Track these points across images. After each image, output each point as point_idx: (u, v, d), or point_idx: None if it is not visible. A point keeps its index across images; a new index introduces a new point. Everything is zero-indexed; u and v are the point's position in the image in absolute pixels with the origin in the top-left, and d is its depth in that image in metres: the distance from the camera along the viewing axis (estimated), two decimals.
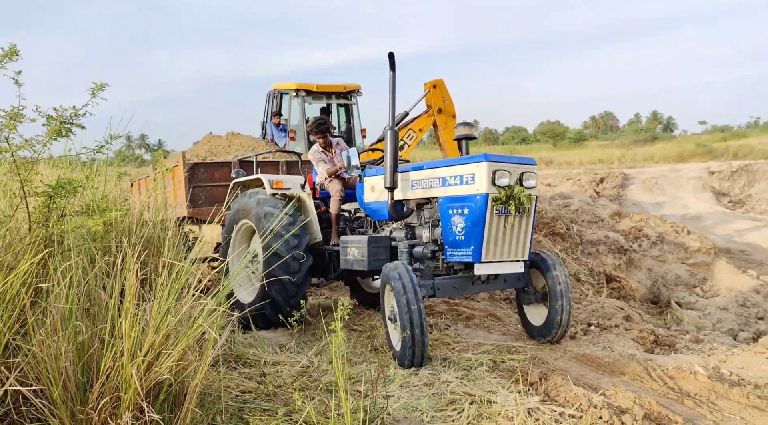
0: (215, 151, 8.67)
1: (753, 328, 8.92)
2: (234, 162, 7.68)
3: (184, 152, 7.72)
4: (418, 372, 4.04)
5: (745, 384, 3.82)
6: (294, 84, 11.79)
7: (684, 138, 36.29)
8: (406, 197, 5.08)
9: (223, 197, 7.45)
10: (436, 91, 10.04)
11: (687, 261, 11.88)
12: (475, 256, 4.34)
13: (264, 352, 4.47)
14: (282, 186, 5.86)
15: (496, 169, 4.30)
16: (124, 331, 2.31)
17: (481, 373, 4.02)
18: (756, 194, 18.97)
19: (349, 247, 5.19)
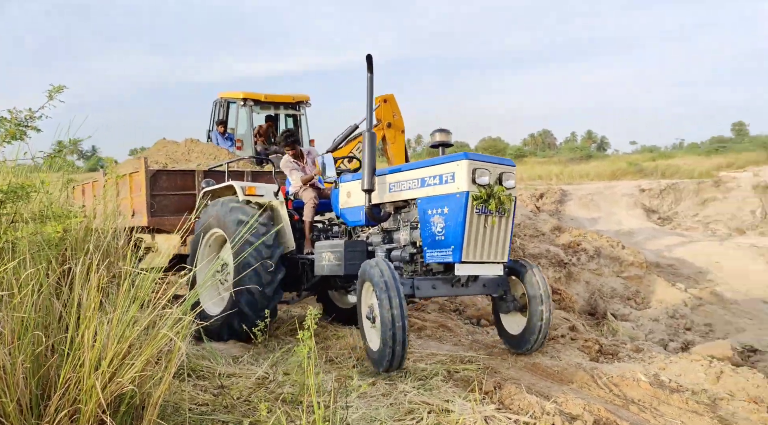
0: (174, 157, 8.37)
1: (681, 339, 9.43)
2: (198, 171, 7.49)
3: (145, 158, 7.38)
4: (376, 383, 4.06)
5: (684, 390, 4.06)
6: (241, 93, 11.67)
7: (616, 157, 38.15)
8: (383, 200, 5.02)
9: (186, 206, 7.29)
10: (386, 106, 10.16)
11: (621, 275, 12.44)
12: (456, 256, 4.25)
13: (218, 364, 4.38)
14: (254, 192, 5.72)
15: (476, 167, 4.27)
16: (86, 341, 2.23)
17: (437, 383, 4.08)
18: (682, 211, 20.15)
19: (324, 253, 5.08)
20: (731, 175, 22.09)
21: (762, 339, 9.10)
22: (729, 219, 18.55)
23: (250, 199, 5.71)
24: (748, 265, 13.30)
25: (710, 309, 10.94)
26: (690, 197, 20.59)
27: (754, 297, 11.67)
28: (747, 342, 8.49)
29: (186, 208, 7.24)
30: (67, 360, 2.24)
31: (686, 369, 4.40)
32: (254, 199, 5.72)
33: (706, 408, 3.76)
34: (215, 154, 8.65)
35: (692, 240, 15.99)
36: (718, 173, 23.38)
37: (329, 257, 5.03)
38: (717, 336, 9.16)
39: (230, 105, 12.04)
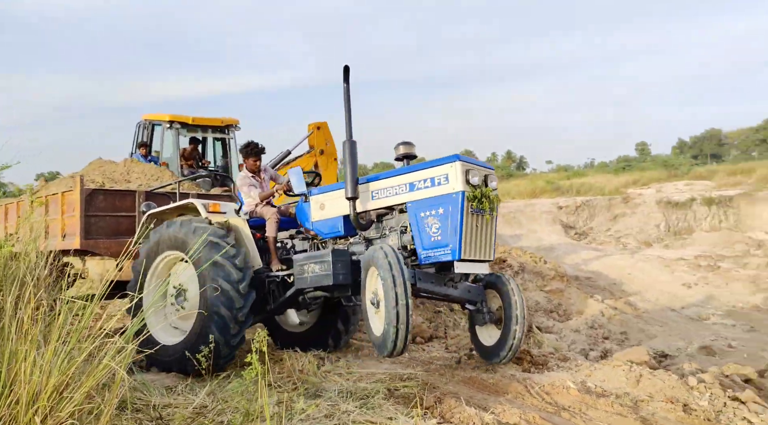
0: (113, 177, 7.87)
1: (600, 347, 9.96)
2: (140, 192, 7.09)
3: (81, 175, 6.84)
4: (318, 405, 4.05)
5: (609, 394, 4.33)
6: (168, 115, 11.37)
7: (535, 176, 39.91)
8: (367, 208, 5.02)
9: (123, 229, 6.90)
10: (319, 133, 10.23)
11: (544, 289, 13.01)
12: (455, 254, 4.36)
13: (152, 395, 4.22)
14: (219, 209, 5.44)
15: (468, 168, 4.46)
16: (22, 376, 2.13)
17: (378, 401, 4.13)
18: (596, 226, 21.39)
19: (308, 264, 4.92)
20: (637, 192, 23.71)
21: (671, 344, 9.78)
22: (637, 233, 19.88)
23: (212, 217, 5.41)
24: (657, 276, 14.29)
25: (625, 318, 11.63)
26: (602, 213, 21.91)
27: (662, 305, 12.54)
28: (658, 348, 9.10)
29: (123, 230, 6.89)
30: (4, 397, 2.12)
31: (609, 375, 4.69)
32: (217, 218, 5.44)
33: (629, 410, 4.03)
34: (158, 175, 8.23)
35: (606, 253, 17.00)
36: (626, 190, 25.03)
37: (314, 268, 4.88)
38: (632, 344, 9.74)
39: (155, 127, 11.69)
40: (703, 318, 11.22)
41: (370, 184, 5.01)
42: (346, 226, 5.17)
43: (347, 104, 4.87)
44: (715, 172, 27.86)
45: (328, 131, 10.38)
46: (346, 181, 4.81)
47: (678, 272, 14.27)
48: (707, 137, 59.43)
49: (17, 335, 2.32)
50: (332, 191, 5.25)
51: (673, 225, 20.21)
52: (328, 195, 5.28)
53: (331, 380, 4.86)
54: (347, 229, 5.17)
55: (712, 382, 4.42)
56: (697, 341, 9.44)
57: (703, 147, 58.32)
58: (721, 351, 8.62)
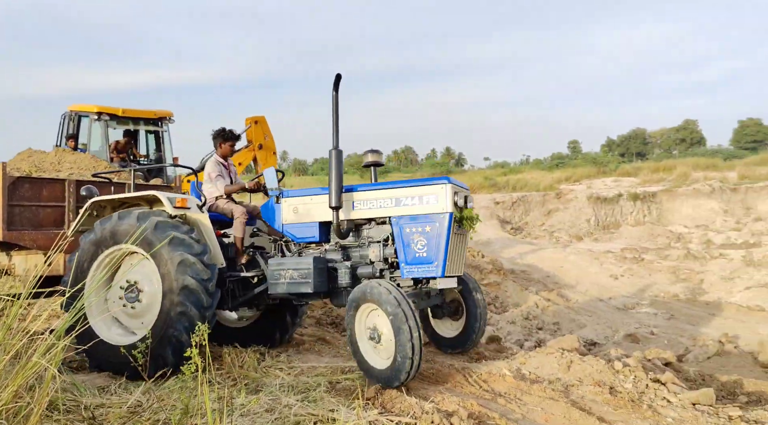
0: (42, 167, 7.40)
1: (534, 338, 10.34)
2: (70, 181, 6.70)
3: (4, 163, 6.35)
4: (259, 400, 4.03)
5: (542, 380, 4.52)
6: (95, 106, 10.92)
7: (473, 172, 40.85)
8: (347, 218, 5.02)
9: (51, 220, 6.50)
10: (257, 127, 10.11)
11: (482, 282, 13.35)
12: (440, 271, 4.60)
13: (83, 396, 4.06)
14: (186, 204, 5.16)
15: (456, 190, 4.69)
16: None
17: (320, 394, 4.15)
18: (531, 221, 22.12)
19: (286, 271, 4.89)
20: (569, 188, 24.69)
21: (599, 333, 10.28)
22: (569, 227, 20.70)
23: (178, 212, 5.13)
24: (586, 268, 14.95)
25: (557, 309, 12.10)
26: (537, 208, 22.67)
27: (592, 296, 13.15)
28: (588, 336, 9.55)
29: (51, 222, 6.51)
30: None
31: (542, 362, 4.90)
32: (181, 212, 5.17)
33: (561, 394, 4.23)
34: (92, 165, 7.80)
35: (540, 247, 17.61)
36: (559, 186, 26.01)
37: (292, 275, 4.85)
38: (563, 333, 10.16)
39: (82, 119, 11.20)
40: (629, 308, 11.84)
41: (353, 194, 5.04)
42: (322, 232, 5.21)
43: (335, 113, 4.81)
44: (640, 169, 29.38)
45: (267, 125, 10.29)
46: (331, 189, 4.78)
47: (606, 264, 14.98)
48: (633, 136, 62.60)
49: None
50: (308, 196, 5.24)
51: (602, 220, 21.18)
52: (303, 199, 5.26)
53: (272, 375, 4.83)
54: (322, 236, 5.21)
55: (636, 366, 4.69)
56: (623, 329, 9.97)
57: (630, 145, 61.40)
58: (644, 338, 9.14)
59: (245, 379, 4.71)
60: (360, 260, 5.07)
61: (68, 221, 6.58)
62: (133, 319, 5.11)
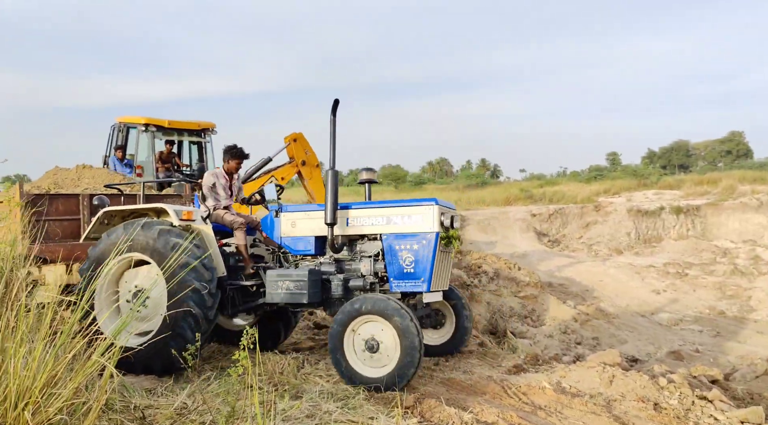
0: (62, 184, 7.86)
1: (573, 352, 10.18)
2: (84, 195, 7.07)
3: (20, 182, 6.89)
4: (300, 405, 4.09)
5: (583, 394, 4.46)
6: (143, 118, 11.29)
7: (509, 184, 40.45)
8: (342, 233, 5.35)
9: (69, 233, 6.79)
10: (297, 144, 10.29)
11: (519, 295, 13.21)
12: (426, 286, 4.95)
13: (131, 396, 4.20)
14: (192, 217, 5.46)
15: (443, 211, 5.03)
16: (11, 372, 2.13)
17: (359, 402, 4.19)
18: (568, 234, 21.77)
19: (283, 281, 5.20)
20: (609, 200, 24.22)
21: (641, 349, 10.05)
22: (609, 240, 20.29)
23: (184, 224, 5.42)
24: (627, 282, 14.63)
25: (596, 323, 11.86)
26: (575, 221, 22.31)
27: (632, 311, 12.85)
28: (629, 352, 9.34)
29: (68, 234, 6.83)
30: None
31: (583, 376, 4.83)
32: (186, 224, 5.46)
33: (603, 409, 4.16)
34: (108, 179, 8.21)
35: (579, 260, 17.32)
36: (597, 198, 25.54)
37: (288, 286, 5.17)
38: (603, 349, 9.96)
39: (130, 130, 11.59)
40: (672, 324, 11.52)
41: (348, 212, 5.39)
42: (317, 246, 5.54)
43: (333, 135, 5.16)
44: (683, 181, 28.61)
45: (306, 141, 10.49)
46: (327, 207, 5.12)
47: (648, 279, 14.63)
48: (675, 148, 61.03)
49: (4, 332, 2.32)
50: (305, 211, 5.59)
51: (643, 233, 20.69)
52: (300, 214, 5.58)
53: (311, 381, 4.89)
54: (317, 249, 5.54)
55: (681, 382, 4.58)
56: (666, 346, 9.71)
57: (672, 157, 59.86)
58: (688, 356, 8.89)
59: (285, 385, 4.78)
60: (353, 273, 5.39)
61: (83, 233, 6.87)
62: (140, 323, 5.33)
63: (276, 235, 5.70)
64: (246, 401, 4.13)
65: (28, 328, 2.29)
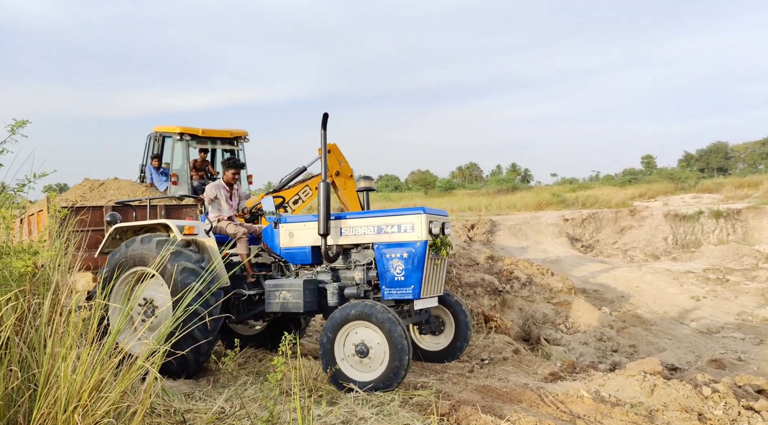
0: (88, 196, 8.14)
1: (609, 360, 9.97)
2: (107, 206, 7.34)
3: (49, 196, 7.20)
4: (334, 411, 4.10)
5: (623, 403, 4.36)
6: (178, 127, 11.54)
7: (540, 188, 39.94)
8: (336, 243, 5.48)
9: (95, 243, 7.01)
10: (331, 156, 10.35)
11: (552, 301, 13.02)
12: (416, 294, 5.05)
13: (171, 400, 4.28)
14: (193, 231, 5.63)
15: (431, 219, 5.11)
16: (62, 376, 2.20)
17: (394, 408, 4.19)
18: (603, 239, 21.37)
19: (280, 291, 5.37)
20: (644, 205, 23.71)
21: (681, 357, 9.78)
22: (645, 245, 19.85)
23: (186, 238, 5.60)
24: (665, 289, 14.27)
25: (633, 330, 11.60)
26: (609, 225, 21.89)
27: (671, 318, 12.53)
28: (668, 360, 9.09)
29: (94, 244, 7.05)
30: (41, 396, 2.19)
31: (623, 385, 4.72)
32: (188, 238, 5.64)
33: (644, 419, 4.06)
34: (132, 192, 8.48)
35: (614, 266, 16.97)
36: (632, 203, 25.02)
37: (285, 295, 5.33)
38: (641, 357, 9.73)
39: (165, 139, 11.85)
40: (713, 332, 11.20)
41: (341, 221, 5.53)
42: (314, 256, 5.69)
43: (324, 147, 5.37)
44: (722, 184, 27.84)
45: (339, 152, 10.55)
46: (319, 218, 5.26)
47: (686, 285, 14.25)
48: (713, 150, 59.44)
49: (54, 338, 2.39)
50: (301, 222, 5.75)
51: (681, 238, 20.18)
52: (297, 225, 5.76)
53: (347, 388, 4.89)
54: (314, 259, 5.69)
55: (726, 392, 4.44)
56: (707, 354, 9.44)
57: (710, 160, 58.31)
58: (731, 365, 8.61)
59: (320, 390, 4.81)
60: (347, 281, 5.52)
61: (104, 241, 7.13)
62: (148, 331, 5.47)
63: (276, 246, 5.88)
64: (283, 406, 4.18)
65: (77, 334, 2.36)
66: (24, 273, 2.65)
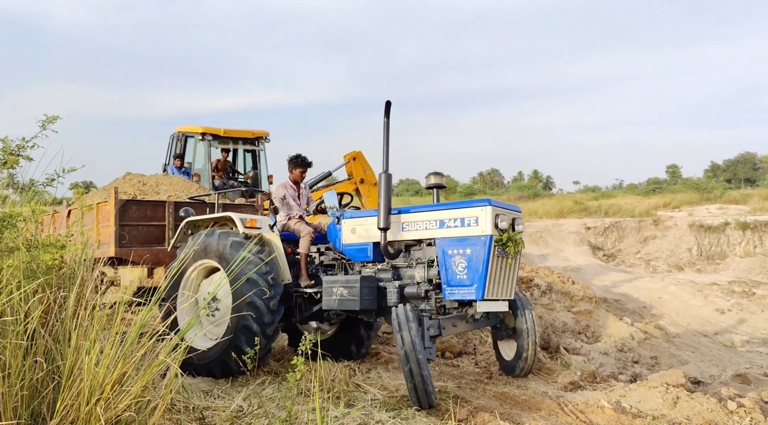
0: (143, 190, 8.23)
1: (630, 371, 9.80)
2: (169, 202, 7.39)
3: (116, 188, 7.21)
4: (352, 413, 4.10)
5: (645, 415, 4.28)
6: (200, 127, 11.68)
7: (562, 196, 39.55)
8: (396, 239, 5.18)
9: (154, 238, 7.18)
10: (356, 163, 10.39)
11: (572, 309, 12.85)
12: (479, 294, 4.58)
13: (190, 397, 4.31)
14: (255, 225, 5.63)
15: (498, 213, 4.65)
16: (86, 369, 2.23)
17: (411, 413, 4.16)
18: (625, 248, 21.07)
19: (336, 288, 5.11)
20: (668, 215, 23.32)
21: (704, 370, 9.57)
22: (668, 256, 19.51)
23: (248, 232, 5.59)
24: (688, 300, 14.01)
25: (655, 342, 11.39)
26: (632, 235, 21.57)
27: (694, 330, 12.28)
28: (691, 374, 8.90)
29: (154, 239, 7.19)
30: (64, 388, 2.22)
31: (645, 396, 4.64)
32: (253, 232, 5.62)
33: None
34: (186, 187, 8.52)
35: (636, 276, 16.72)
36: (656, 212, 24.63)
37: (342, 292, 5.06)
38: (662, 369, 9.54)
39: (188, 139, 12.00)
40: (738, 346, 10.95)
41: (402, 216, 5.17)
42: (375, 253, 5.37)
43: (386, 138, 4.97)
44: (750, 196, 27.27)
45: (365, 159, 10.58)
46: (379, 211, 4.93)
47: (711, 297, 13.98)
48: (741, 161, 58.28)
49: (78, 331, 2.43)
50: (364, 217, 5.45)
51: (706, 250, 19.80)
52: (359, 220, 5.47)
53: (363, 390, 4.90)
54: (376, 255, 5.36)
55: (752, 407, 4.33)
56: (731, 368, 9.23)
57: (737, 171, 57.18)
58: (756, 380, 8.40)
59: (338, 392, 4.80)
60: (407, 280, 5.19)
61: (168, 238, 7.25)
62: (213, 327, 5.56)
63: (338, 243, 5.64)
64: (301, 407, 4.19)
65: (101, 327, 2.39)
66: (51, 266, 2.71)
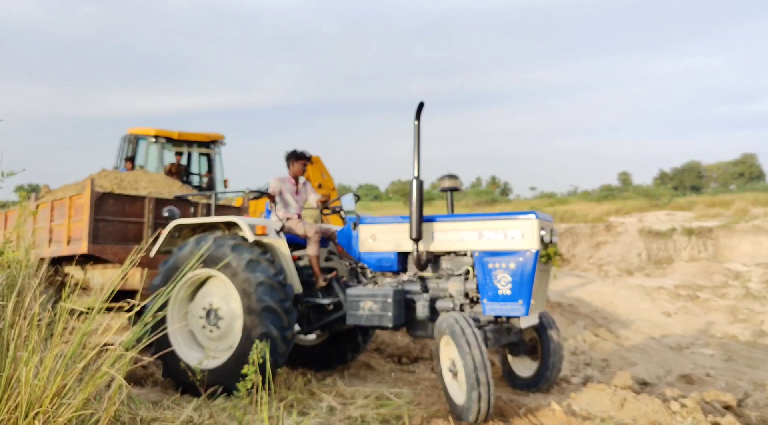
0: (122, 185, 7.67)
1: (582, 374, 10.01)
2: (149, 198, 6.88)
3: (92, 178, 6.59)
4: (305, 421, 4.06)
5: (593, 417, 4.40)
6: (153, 130, 11.41)
7: (519, 202, 40.34)
8: (427, 249, 4.91)
9: (130, 235, 6.67)
10: (313, 167, 10.31)
11: None
12: (525, 310, 4.43)
13: (138, 409, 4.19)
14: (266, 232, 5.17)
15: (543, 226, 4.53)
16: (23, 381, 2.14)
17: (368, 420, 4.15)
18: (579, 253, 21.63)
19: (364, 301, 4.78)
20: (620, 221, 24.06)
21: (651, 372, 9.87)
22: (619, 261, 20.13)
23: (258, 238, 5.14)
24: (638, 304, 14.45)
25: (606, 345, 11.70)
26: (585, 240, 22.17)
27: (643, 333, 12.67)
28: (639, 375, 9.18)
29: (131, 237, 6.70)
30: (1, 401, 2.12)
31: (594, 399, 4.76)
32: (263, 239, 5.19)
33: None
34: (167, 185, 7.96)
35: (589, 281, 17.16)
36: (608, 218, 25.38)
37: (371, 306, 4.75)
38: (612, 371, 9.81)
39: (139, 141, 11.70)
40: (683, 348, 11.35)
41: (433, 224, 4.91)
42: (400, 262, 5.11)
43: (417, 141, 4.68)
44: (695, 203, 28.41)
45: (322, 164, 10.49)
46: (411, 221, 4.67)
47: (659, 301, 14.48)
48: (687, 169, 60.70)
49: (17, 341, 2.33)
50: (385, 224, 5.17)
51: (654, 255, 20.52)
52: (381, 227, 5.15)
53: (318, 398, 4.86)
54: (401, 265, 5.12)
55: (694, 407, 4.50)
56: (677, 369, 9.55)
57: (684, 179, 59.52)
58: (699, 380, 8.72)
59: (292, 400, 4.75)
60: (439, 292, 4.93)
61: (146, 236, 6.71)
62: (214, 342, 5.15)
63: (354, 249, 5.31)
64: (253, 416, 4.12)
65: (40, 338, 2.30)
66: None
